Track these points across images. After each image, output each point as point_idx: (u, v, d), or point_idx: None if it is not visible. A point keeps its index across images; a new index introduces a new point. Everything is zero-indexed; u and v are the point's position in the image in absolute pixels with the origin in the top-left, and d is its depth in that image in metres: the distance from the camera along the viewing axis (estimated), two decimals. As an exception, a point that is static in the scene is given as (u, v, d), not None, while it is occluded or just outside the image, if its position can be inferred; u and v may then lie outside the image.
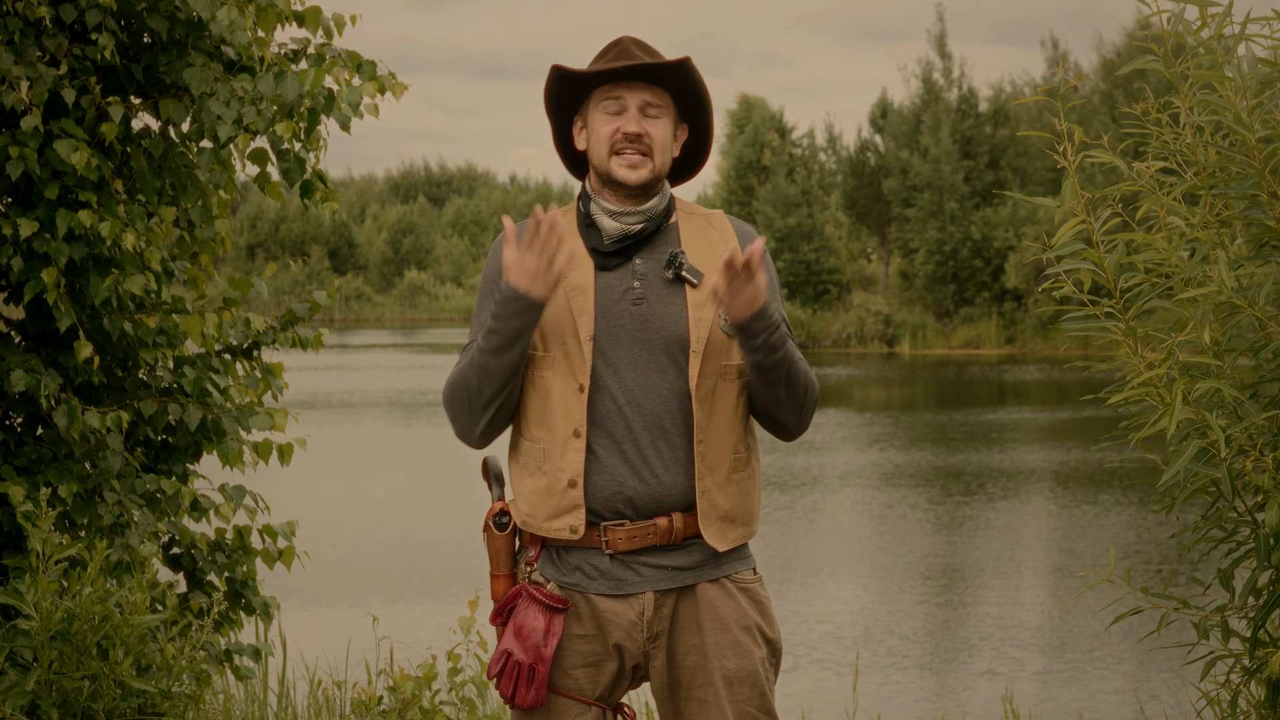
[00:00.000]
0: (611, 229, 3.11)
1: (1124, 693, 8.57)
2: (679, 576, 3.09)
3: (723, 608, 3.11)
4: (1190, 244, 3.70)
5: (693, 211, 3.21)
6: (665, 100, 3.11)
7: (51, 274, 5.02)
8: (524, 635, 3.07)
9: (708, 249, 3.14)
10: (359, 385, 31.33)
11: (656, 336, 3.07)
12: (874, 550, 13.12)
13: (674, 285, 3.10)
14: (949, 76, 46.39)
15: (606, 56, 3.10)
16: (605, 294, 3.09)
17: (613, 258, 3.11)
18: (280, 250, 67.88)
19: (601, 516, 3.07)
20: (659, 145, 3.09)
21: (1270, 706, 3.86)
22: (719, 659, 3.09)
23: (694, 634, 3.10)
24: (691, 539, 3.09)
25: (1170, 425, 3.43)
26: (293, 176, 5.33)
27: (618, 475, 3.05)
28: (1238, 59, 3.61)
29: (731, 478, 3.11)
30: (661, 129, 3.10)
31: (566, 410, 3.06)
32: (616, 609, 3.08)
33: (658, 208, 3.13)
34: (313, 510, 14.85)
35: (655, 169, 3.09)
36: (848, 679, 8.56)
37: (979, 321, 43.25)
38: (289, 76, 5.12)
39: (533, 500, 3.11)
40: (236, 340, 5.73)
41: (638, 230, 3.11)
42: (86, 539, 5.15)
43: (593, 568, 3.08)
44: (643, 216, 3.11)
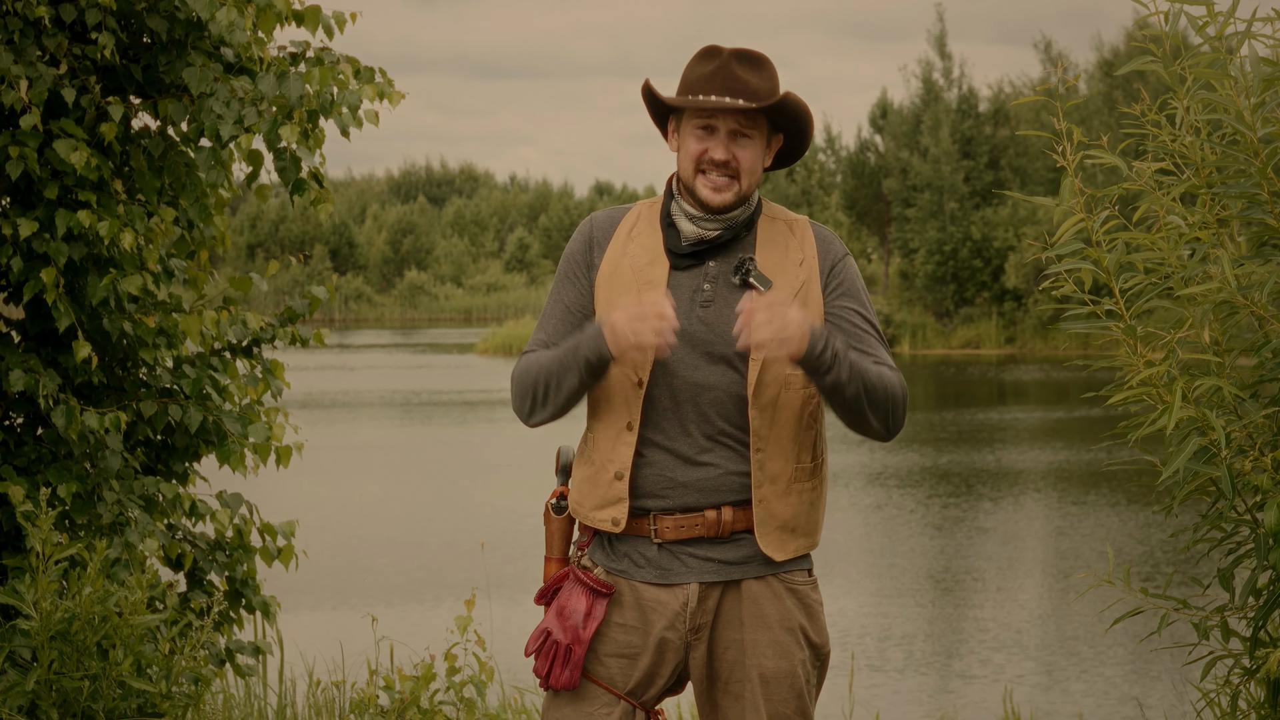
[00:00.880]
0: (689, 232, 3.11)
1: (1124, 693, 8.57)
2: (725, 570, 3.08)
3: (766, 606, 3.10)
4: (1190, 243, 3.70)
5: (776, 216, 3.19)
6: (758, 122, 3.09)
7: (51, 274, 5.02)
8: (565, 616, 3.09)
9: (782, 255, 3.13)
10: (359, 385, 31.33)
11: (719, 340, 3.06)
12: (873, 550, 13.12)
13: (742, 290, 3.09)
14: (949, 76, 46.40)
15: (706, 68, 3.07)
16: (676, 292, 3.09)
17: (686, 259, 3.11)
18: (280, 250, 67.87)
19: (650, 507, 3.08)
20: (746, 169, 3.08)
21: (1270, 706, 3.86)
22: (757, 657, 3.09)
23: (735, 629, 3.09)
24: (741, 533, 3.09)
25: (1170, 423, 3.43)
26: (288, 176, 5.33)
27: (667, 470, 3.06)
28: (1241, 58, 3.61)
29: (793, 487, 3.10)
30: (751, 152, 3.09)
31: (624, 403, 3.08)
32: (661, 598, 3.09)
33: (740, 218, 3.13)
34: (312, 510, 14.85)
35: (741, 191, 3.09)
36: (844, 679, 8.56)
37: (979, 321, 43.25)
38: (292, 76, 5.12)
39: (582, 489, 3.14)
40: (236, 338, 5.73)
41: (714, 237, 3.11)
42: (86, 539, 5.14)
43: (641, 556, 3.10)
44: (721, 224, 3.11)
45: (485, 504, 16.12)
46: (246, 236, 68.14)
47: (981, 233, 43.57)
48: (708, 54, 3.08)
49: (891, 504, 15.36)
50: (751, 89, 3.05)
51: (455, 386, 30.39)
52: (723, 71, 3.05)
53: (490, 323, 58.59)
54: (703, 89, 3.05)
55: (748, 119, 3.06)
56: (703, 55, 3.09)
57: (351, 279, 69.13)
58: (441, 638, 5.89)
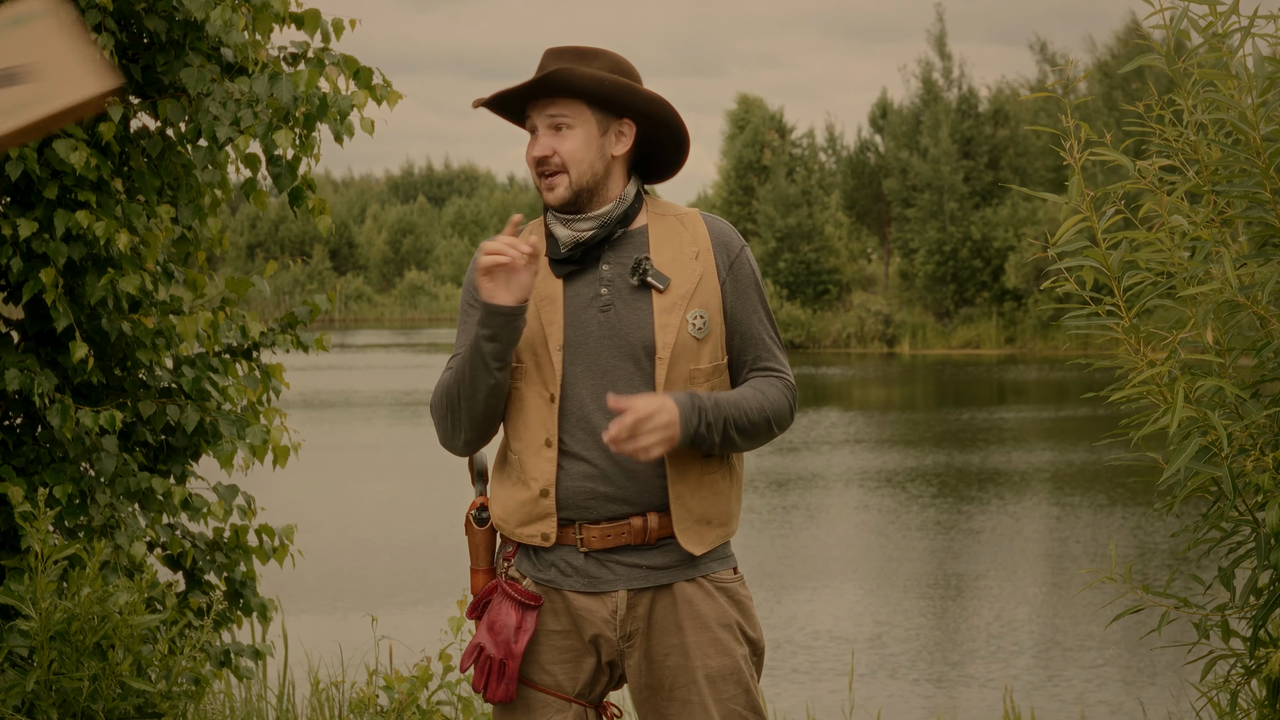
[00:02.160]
0: (565, 237, 3.07)
1: (1124, 693, 8.57)
2: (653, 576, 3.07)
3: (701, 606, 3.08)
4: (1192, 243, 3.70)
5: (665, 212, 3.14)
6: (577, 108, 3.02)
7: (50, 274, 5.02)
8: (496, 630, 3.07)
9: (677, 250, 3.08)
10: (359, 385, 31.33)
11: (624, 343, 3.03)
12: (873, 550, 13.12)
13: (641, 291, 3.05)
14: (949, 76, 46.39)
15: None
16: (573, 301, 3.05)
17: (572, 264, 3.07)
18: (280, 250, 67.90)
19: (575, 518, 3.05)
20: (572, 158, 3.02)
21: (1270, 706, 3.86)
22: (701, 658, 3.07)
23: (674, 634, 3.07)
24: (667, 539, 3.07)
25: (1173, 423, 3.43)
26: (283, 183, 5.32)
27: (589, 480, 3.04)
28: (1244, 56, 3.61)
29: (704, 480, 3.08)
30: (573, 140, 3.02)
31: (539, 420, 3.05)
32: (590, 606, 3.07)
33: (612, 213, 3.07)
34: (312, 510, 14.85)
35: (573, 182, 3.03)
36: (844, 679, 8.56)
37: (979, 321, 43.24)
38: (284, 78, 5.11)
39: (506, 505, 3.11)
40: (235, 341, 5.73)
41: (588, 237, 3.06)
42: (84, 540, 5.14)
43: (568, 565, 3.07)
44: (595, 222, 3.06)
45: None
46: (246, 237, 68.16)
47: (981, 233, 43.57)
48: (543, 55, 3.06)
49: (891, 504, 15.36)
50: (565, 77, 2.99)
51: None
52: (540, 68, 3.03)
53: (490, 323, 58.43)
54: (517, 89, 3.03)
55: (559, 107, 3.01)
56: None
57: (351, 279, 69.14)
58: (438, 637, 5.89)
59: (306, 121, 5.23)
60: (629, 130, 3.08)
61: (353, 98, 5.25)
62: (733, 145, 51.50)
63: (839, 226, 49.62)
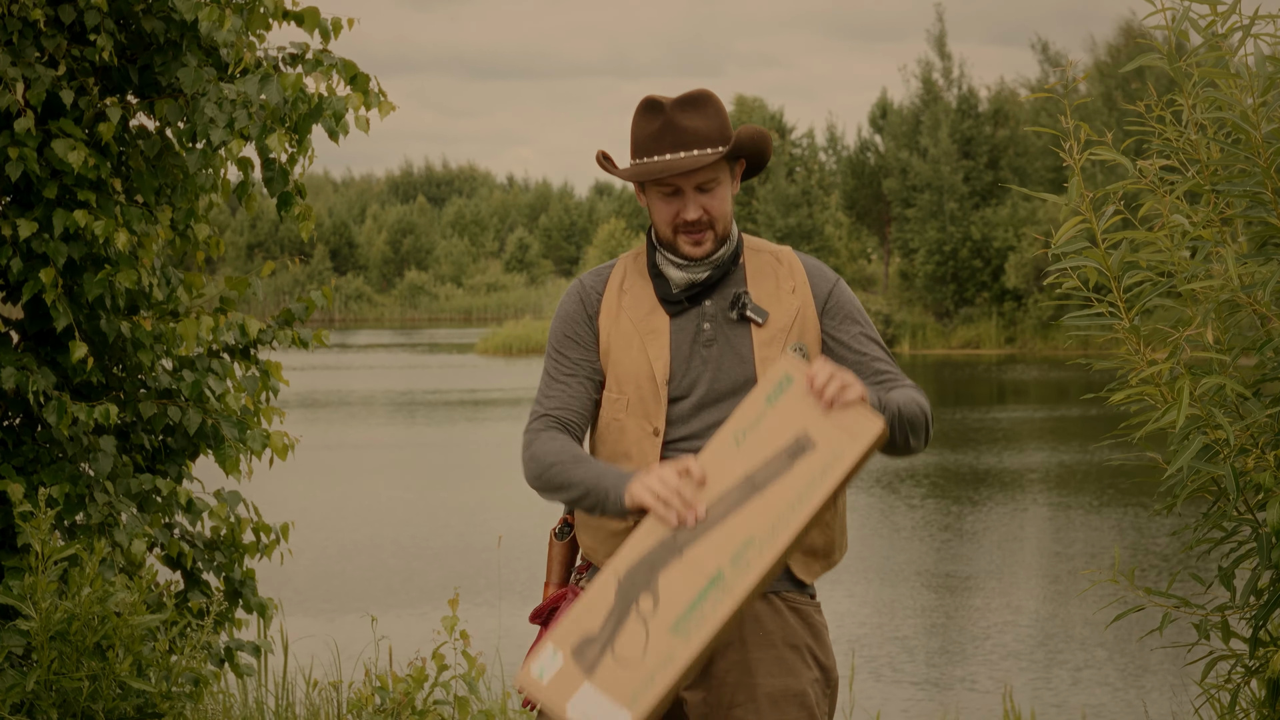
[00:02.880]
0: (679, 279, 3.10)
1: (1125, 693, 8.57)
2: None
3: (769, 623, 3.05)
4: (1193, 242, 3.70)
5: (760, 249, 3.18)
6: (719, 165, 3.06)
7: (50, 274, 5.02)
8: None
9: (774, 285, 3.12)
10: (359, 385, 31.33)
11: (727, 377, 3.06)
12: (873, 550, 13.12)
13: (740, 325, 3.08)
14: (949, 77, 46.39)
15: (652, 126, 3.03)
16: (678, 337, 3.09)
17: (681, 304, 3.11)
18: (279, 250, 67.90)
19: None
20: (719, 216, 3.07)
21: (1270, 706, 3.86)
22: (763, 676, 3.02)
23: (737, 649, 3.03)
24: None
25: (1179, 419, 3.42)
26: (275, 187, 5.31)
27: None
28: (1245, 56, 3.61)
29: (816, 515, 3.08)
30: (719, 197, 3.07)
31: (640, 453, 3.06)
32: None
33: (725, 255, 3.11)
34: (312, 510, 14.84)
35: (719, 235, 3.08)
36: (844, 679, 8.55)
37: (979, 321, 43.24)
38: (274, 80, 5.10)
39: (596, 536, 3.11)
40: (234, 339, 5.73)
41: (704, 277, 3.10)
42: (84, 539, 5.14)
43: None
44: (709, 265, 3.10)
45: (483, 504, 16.11)
46: (246, 237, 68.17)
47: (981, 233, 43.57)
48: (650, 109, 3.05)
49: (891, 504, 15.36)
50: (701, 136, 3.02)
51: (455, 386, 30.40)
52: (669, 127, 3.02)
53: (490, 323, 58.60)
54: (653, 149, 3.03)
55: (710, 167, 3.04)
56: (645, 110, 3.06)
57: (351, 279, 69.12)
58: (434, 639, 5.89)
59: (301, 124, 5.22)
60: (741, 169, 3.15)
61: (348, 100, 5.23)
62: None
63: (839, 226, 49.61)
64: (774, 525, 2.78)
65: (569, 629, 2.82)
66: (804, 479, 2.79)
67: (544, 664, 2.81)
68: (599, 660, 2.78)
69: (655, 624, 2.78)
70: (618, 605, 2.80)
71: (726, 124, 3.07)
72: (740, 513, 2.81)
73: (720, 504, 2.82)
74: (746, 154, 3.10)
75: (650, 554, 2.81)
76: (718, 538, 2.80)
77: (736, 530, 2.79)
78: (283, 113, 5.13)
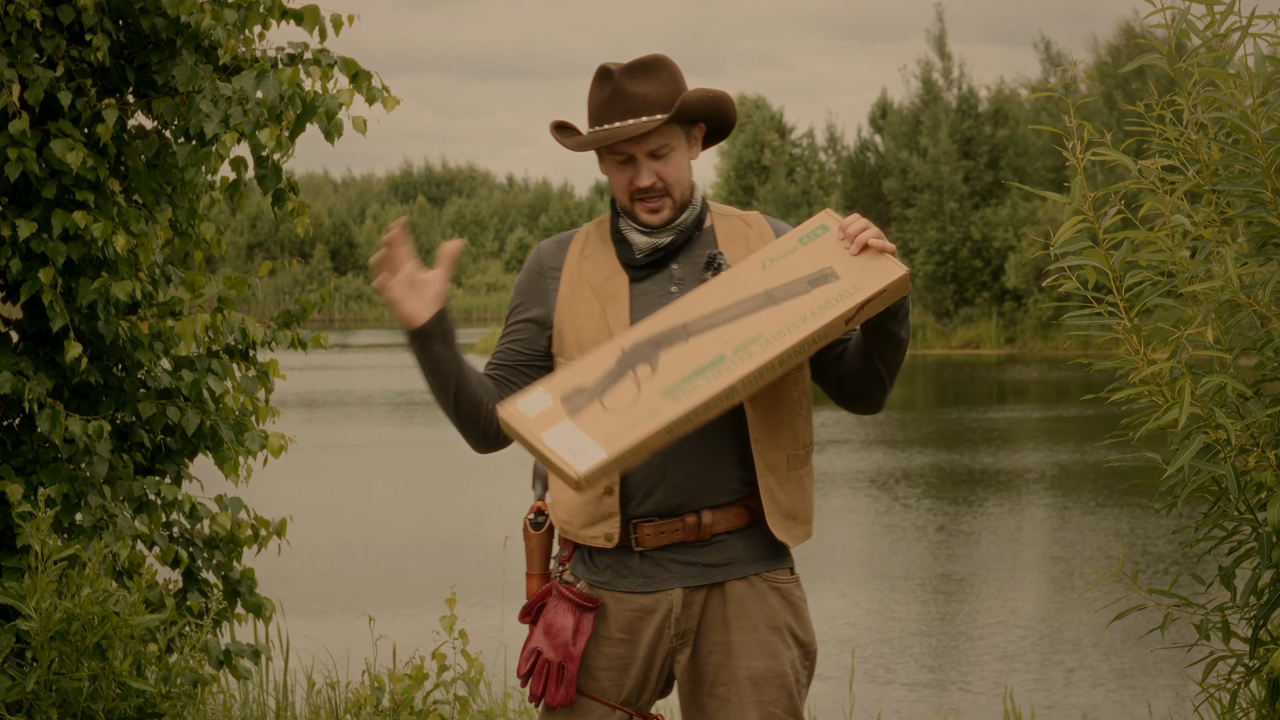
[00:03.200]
0: (643, 244, 3.11)
1: (1125, 693, 8.56)
2: (708, 573, 3.08)
3: (751, 606, 3.09)
4: (1194, 242, 3.70)
5: (728, 214, 3.19)
6: (671, 130, 3.06)
7: (49, 274, 5.01)
8: (553, 633, 3.08)
9: (745, 248, 3.12)
10: (358, 385, 31.32)
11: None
12: (873, 549, 13.12)
13: None
14: (949, 77, 46.38)
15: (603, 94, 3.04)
16: (641, 299, 3.09)
17: (645, 269, 3.11)
18: (279, 250, 67.90)
19: (633, 515, 3.07)
20: (674, 181, 3.07)
21: (1270, 706, 3.86)
22: (744, 658, 3.07)
23: (720, 631, 3.08)
24: (722, 536, 3.08)
25: (1180, 418, 3.42)
26: (268, 184, 5.30)
27: (652, 476, 3.05)
28: (1245, 55, 3.61)
29: (790, 475, 3.10)
30: (674, 162, 3.07)
31: None
32: (646, 605, 3.08)
33: (688, 220, 3.11)
34: (311, 510, 14.83)
35: (677, 201, 3.08)
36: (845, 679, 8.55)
37: (979, 321, 43.23)
38: (269, 76, 5.09)
39: (570, 507, 3.11)
40: (234, 340, 5.72)
41: (666, 243, 3.10)
42: (84, 540, 5.14)
43: (624, 566, 3.09)
44: (674, 231, 3.10)
45: (482, 504, 16.11)
46: (246, 236, 68.15)
47: (981, 233, 43.57)
48: (601, 77, 3.06)
49: (891, 503, 15.36)
50: (651, 101, 3.02)
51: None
52: (618, 94, 3.03)
53: (490, 323, 58.57)
54: (604, 117, 3.04)
55: (659, 133, 3.04)
56: (597, 79, 3.06)
57: (351, 279, 69.10)
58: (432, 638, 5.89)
59: (297, 121, 5.21)
60: (700, 133, 3.14)
61: (339, 95, 5.20)
62: (733, 145, 51.50)
63: (839, 227, 49.53)
64: (783, 329, 2.90)
65: (563, 380, 2.91)
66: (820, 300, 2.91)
67: (530, 401, 2.89)
68: (586, 406, 2.88)
69: (649, 387, 2.88)
70: (616, 369, 2.90)
71: (679, 89, 3.06)
72: (753, 317, 2.92)
73: (736, 308, 2.93)
74: (697, 117, 3.08)
75: (658, 335, 2.92)
76: (727, 332, 2.91)
77: (746, 328, 2.90)
78: (279, 110, 5.12)
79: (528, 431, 2.85)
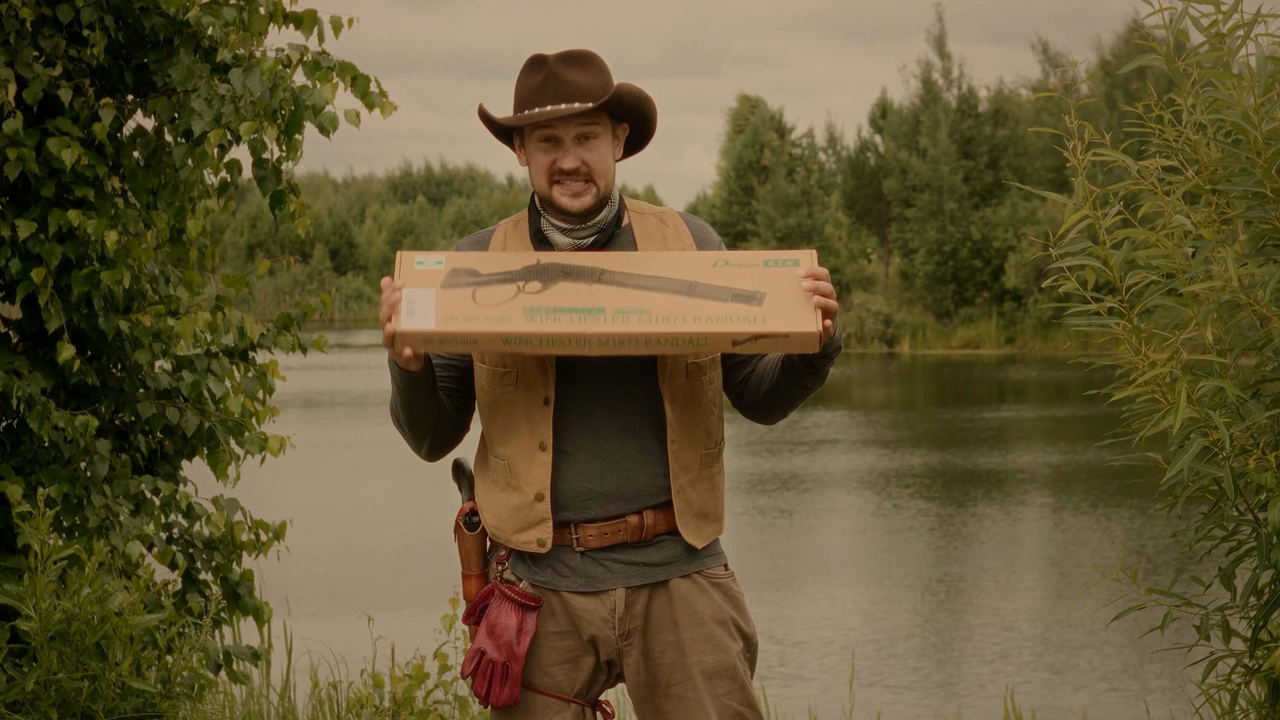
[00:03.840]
0: (563, 244, 3.10)
1: (1125, 693, 8.57)
2: (650, 573, 3.08)
3: (697, 603, 3.10)
4: (1195, 242, 3.70)
5: (644, 211, 3.19)
6: (600, 120, 3.07)
7: (40, 273, 5.01)
8: (497, 634, 3.07)
9: (662, 247, 3.13)
10: (358, 385, 31.32)
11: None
12: (873, 550, 13.12)
13: None
14: (948, 77, 46.39)
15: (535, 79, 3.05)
16: None
17: None
18: (280, 250, 67.90)
19: (571, 519, 3.07)
20: (599, 170, 3.06)
21: (1270, 706, 3.86)
22: (696, 654, 3.08)
23: (669, 630, 3.09)
24: (663, 536, 3.09)
25: (1175, 424, 3.42)
26: (267, 186, 5.28)
27: (586, 480, 3.06)
28: (1246, 55, 3.61)
29: (702, 475, 3.12)
30: (599, 153, 3.07)
31: (530, 425, 3.06)
32: (588, 606, 3.08)
33: (607, 218, 3.11)
34: (311, 510, 14.84)
35: (599, 192, 3.07)
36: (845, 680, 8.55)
37: (979, 321, 43.24)
38: (255, 71, 5.08)
39: (500, 514, 3.11)
40: (233, 341, 5.72)
41: (589, 243, 3.10)
42: (83, 540, 5.14)
43: (564, 565, 3.09)
44: (594, 230, 3.10)
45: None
46: (247, 236, 68.14)
47: (981, 233, 43.58)
48: (534, 65, 3.07)
49: (891, 504, 15.36)
50: (583, 90, 3.04)
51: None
52: (551, 79, 3.04)
53: (490, 323, 58.42)
54: (535, 101, 3.04)
55: (588, 120, 3.05)
56: (529, 67, 3.08)
57: (351, 279, 69.09)
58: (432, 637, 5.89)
59: (291, 120, 5.18)
60: (623, 133, 3.14)
61: (324, 90, 5.18)
62: (732, 145, 51.50)
63: (839, 226, 49.60)
64: (670, 317, 2.93)
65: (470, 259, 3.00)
66: (726, 312, 2.94)
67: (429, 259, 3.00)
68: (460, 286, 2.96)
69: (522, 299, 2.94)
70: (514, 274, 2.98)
71: (610, 84, 3.07)
72: (660, 295, 2.96)
73: (655, 281, 2.97)
74: (627, 112, 3.09)
75: (573, 267, 2.98)
76: (626, 294, 2.95)
77: (644, 299, 2.95)
78: (272, 107, 5.11)
79: (401, 276, 2.97)
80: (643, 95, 3.09)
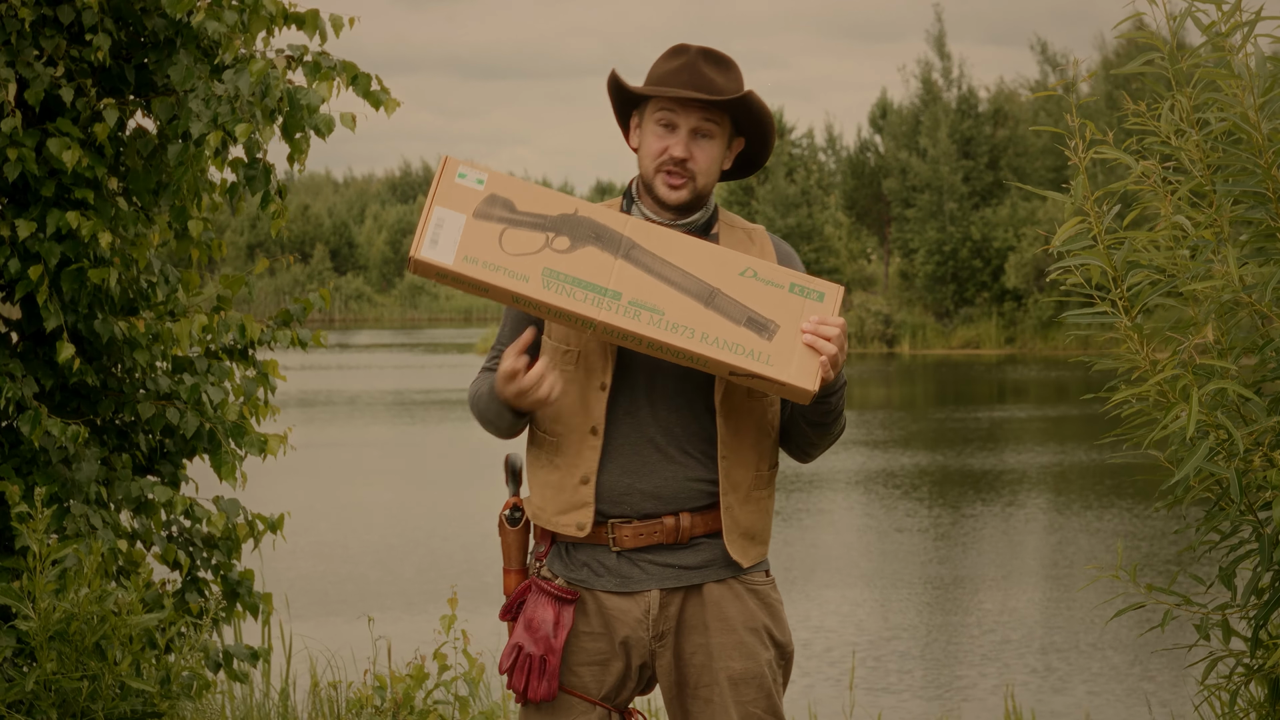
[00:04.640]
0: None
1: (1125, 693, 8.56)
2: (685, 575, 3.09)
3: (729, 608, 3.11)
4: (1195, 242, 3.69)
5: (735, 225, 3.20)
6: (721, 120, 3.09)
7: (37, 271, 5.00)
8: (534, 628, 3.08)
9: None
10: (358, 385, 31.33)
11: None
12: (873, 550, 13.12)
13: None
14: (948, 77, 46.39)
15: (673, 64, 3.07)
16: None
17: None
18: (280, 250, 67.91)
19: (610, 514, 3.07)
20: (703, 170, 3.08)
21: (1270, 706, 3.86)
22: (724, 659, 3.09)
23: (700, 634, 3.10)
24: (700, 539, 3.10)
25: (1189, 426, 3.41)
26: (256, 186, 5.29)
27: (630, 474, 3.06)
28: (1246, 55, 3.61)
29: (752, 495, 3.13)
30: (710, 152, 3.08)
31: (585, 407, 3.07)
32: (622, 606, 3.09)
33: (698, 221, 3.13)
34: (311, 510, 14.84)
35: (697, 189, 3.09)
36: (845, 680, 8.55)
37: (979, 321, 43.24)
38: (245, 72, 5.08)
39: (544, 494, 3.13)
40: (233, 340, 5.72)
41: None
42: (83, 540, 5.13)
43: (600, 564, 3.09)
44: (682, 229, 3.11)
45: (484, 504, 16.11)
46: (246, 236, 68.14)
47: (981, 233, 43.58)
48: (676, 51, 3.08)
49: (891, 504, 15.36)
50: (718, 87, 3.05)
51: (455, 386, 30.39)
52: (689, 68, 3.05)
53: (490, 322, 58.59)
54: (669, 84, 3.06)
55: (710, 116, 3.06)
56: (671, 53, 3.09)
57: (351, 279, 69.11)
58: (433, 638, 5.89)
59: (289, 123, 5.19)
60: (737, 147, 3.16)
61: (319, 89, 5.19)
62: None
63: (839, 227, 49.59)
64: (681, 326, 2.89)
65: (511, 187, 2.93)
66: (735, 337, 2.89)
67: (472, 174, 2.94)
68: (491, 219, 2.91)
69: (545, 256, 2.89)
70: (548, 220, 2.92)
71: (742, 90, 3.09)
72: (680, 295, 2.91)
73: (680, 275, 2.93)
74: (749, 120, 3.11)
75: (605, 230, 2.93)
76: (646, 281, 2.91)
77: (663, 296, 2.90)
78: (269, 107, 5.11)
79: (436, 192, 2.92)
80: (768, 111, 3.11)
